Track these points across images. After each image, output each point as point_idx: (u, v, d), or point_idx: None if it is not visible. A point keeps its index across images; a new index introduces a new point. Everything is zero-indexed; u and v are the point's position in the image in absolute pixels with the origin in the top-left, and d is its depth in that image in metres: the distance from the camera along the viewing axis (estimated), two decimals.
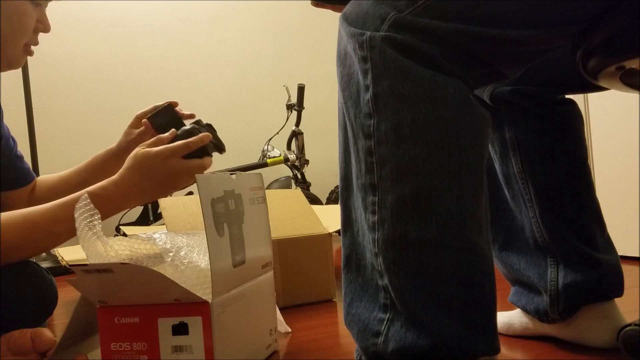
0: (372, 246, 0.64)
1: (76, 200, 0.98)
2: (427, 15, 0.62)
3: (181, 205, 1.44)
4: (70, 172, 1.24)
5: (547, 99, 0.90)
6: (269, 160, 2.94)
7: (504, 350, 0.91)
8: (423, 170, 0.61)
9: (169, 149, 1.01)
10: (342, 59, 0.69)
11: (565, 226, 0.87)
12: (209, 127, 1.12)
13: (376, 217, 0.63)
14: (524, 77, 0.87)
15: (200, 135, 1.05)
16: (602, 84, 0.74)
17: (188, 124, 1.12)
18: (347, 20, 0.68)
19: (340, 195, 0.72)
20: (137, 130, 1.22)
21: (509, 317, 0.98)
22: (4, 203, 1.20)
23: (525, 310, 0.93)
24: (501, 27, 0.62)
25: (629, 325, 0.81)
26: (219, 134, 1.15)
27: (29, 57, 1.14)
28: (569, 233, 0.87)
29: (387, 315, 0.63)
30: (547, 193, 0.88)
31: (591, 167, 1.75)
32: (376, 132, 0.63)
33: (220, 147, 1.12)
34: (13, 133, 1.24)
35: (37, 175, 2.42)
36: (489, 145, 0.94)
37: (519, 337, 0.96)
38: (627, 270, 1.44)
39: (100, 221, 0.86)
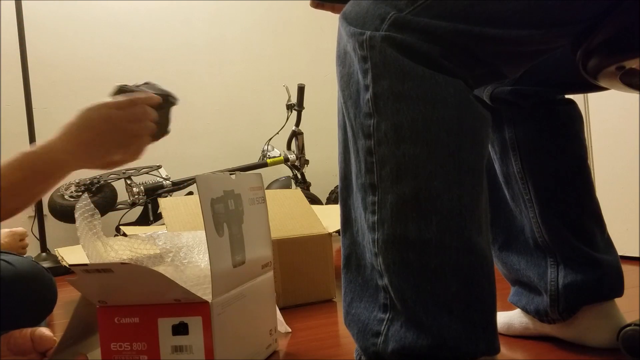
0: (372, 246, 0.64)
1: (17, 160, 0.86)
2: (427, 15, 0.62)
3: (181, 205, 1.44)
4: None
5: (546, 99, 0.90)
6: (269, 160, 2.94)
7: (504, 350, 0.91)
8: (423, 170, 0.61)
9: (113, 102, 0.89)
10: (342, 59, 0.69)
11: (565, 226, 0.87)
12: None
13: (376, 217, 0.63)
14: (523, 77, 0.87)
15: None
16: (602, 83, 0.74)
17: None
18: (346, 19, 0.68)
19: (340, 195, 0.71)
20: None
21: (509, 317, 0.98)
22: None
23: (525, 310, 0.93)
24: (502, 27, 0.62)
25: (629, 325, 0.81)
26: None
27: (29, 57, 1.12)
28: (569, 233, 0.87)
29: (387, 315, 0.63)
30: (547, 193, 0.88)
31: (591, 167, 1.75)
32: (376, 132, 0.63)
33: (171, 100, 1.02)
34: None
35: None
36: (489, 146, 0.93)
37: (518, 337, 0.96)
38: (627, 270, 1.44)
39: (100, 221, 0.86)
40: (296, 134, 2.98)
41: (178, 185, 2.76)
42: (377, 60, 0.63)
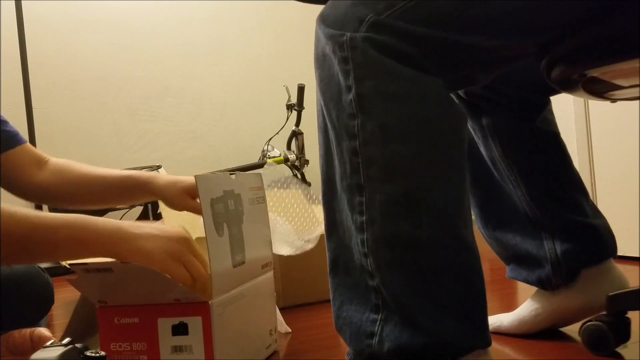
0: (360, 247, 0.64)
1: (78, 223, 0.77)
2: (404, 19, 0.63)
3: None
4: (99, 176, 1.03)
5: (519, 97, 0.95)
6: (269, 160, 2.94)
7: (504, 350, 0.91)
8: (412, 169, 0.61)
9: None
10: (321, 61, 0.69)
11: (553, 200, 0.93)
12: None
13: (364, 217, 0.63)
14: (496, 80, 0.90)
15: None
16: (565, 91, 0.77)
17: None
18: (324, 22, 0.67)
19: (323, 198, 0.71)
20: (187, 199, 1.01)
21: (515, 314, 0.99)
22: None
23: (527, 282, 0.97)
24: (476, 35, 0.63)
25: (590, 320, 0.85)
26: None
27: (29, 57, 1.11)
28: (557, 205, 0.93)
29: (380, 315, 0.63)
30: (529, 172, 0.94)
31: (591, 167, 1.76)
32: (361, 131, 0.63)
33: None
34: None
35: None
36: (472, 132, 0.99)
37: (525, 336, 0.96)
38: (627, 270, 1.44)
39: None
40: (296, 134, 2.98)
41: None
42: (359, 60, 0.63)
